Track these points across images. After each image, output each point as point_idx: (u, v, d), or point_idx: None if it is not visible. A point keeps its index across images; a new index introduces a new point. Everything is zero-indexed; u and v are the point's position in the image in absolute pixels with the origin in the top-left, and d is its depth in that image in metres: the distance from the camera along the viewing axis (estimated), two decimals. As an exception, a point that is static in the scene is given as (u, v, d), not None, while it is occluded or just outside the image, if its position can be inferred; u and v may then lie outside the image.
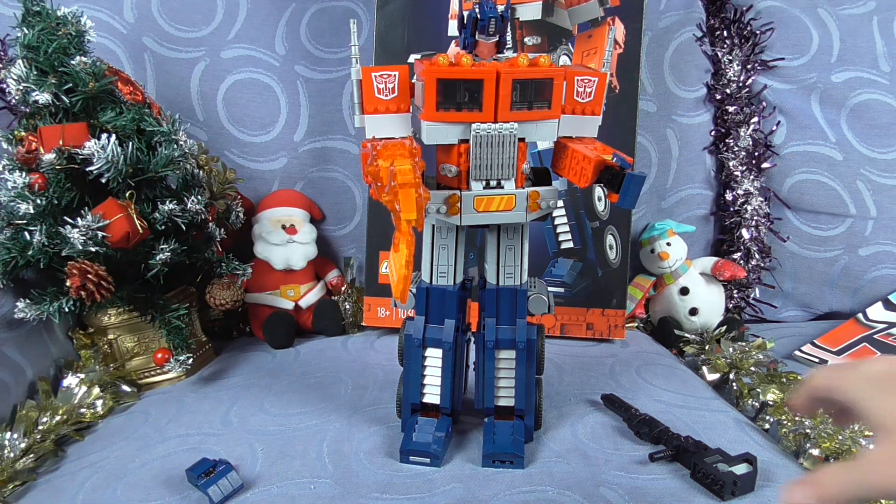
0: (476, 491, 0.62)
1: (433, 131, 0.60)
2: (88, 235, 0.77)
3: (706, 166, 1.15)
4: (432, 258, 0.68)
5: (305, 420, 0.76)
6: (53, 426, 0.77)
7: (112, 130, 0.81)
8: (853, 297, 1.12)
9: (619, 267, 1.01)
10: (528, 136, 0.62)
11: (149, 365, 0.90)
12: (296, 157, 1.10)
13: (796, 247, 1.12)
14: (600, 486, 0.63)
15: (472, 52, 0.62)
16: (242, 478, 0.64)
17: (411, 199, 0.48)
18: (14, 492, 0.67)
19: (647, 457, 0.66)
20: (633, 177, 0.58)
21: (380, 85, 0.61)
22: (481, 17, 0.60)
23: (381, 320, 1.05)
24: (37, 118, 0.81)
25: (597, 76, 0.63)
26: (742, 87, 1.11)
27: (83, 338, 0.90)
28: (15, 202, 0.78)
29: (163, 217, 0.84)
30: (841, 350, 0.97)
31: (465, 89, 0.59)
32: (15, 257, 0.80)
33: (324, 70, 1.10)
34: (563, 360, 0.91)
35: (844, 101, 1.08)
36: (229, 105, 1.07)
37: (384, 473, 0.65)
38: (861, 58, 1.08)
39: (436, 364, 0.70)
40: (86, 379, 0.84)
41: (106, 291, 0.80)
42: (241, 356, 0.99)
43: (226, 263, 0.97)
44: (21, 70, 0.78)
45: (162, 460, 0.70)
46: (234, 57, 1.07)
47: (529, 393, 0.70)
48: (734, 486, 0.61)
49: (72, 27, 0.81)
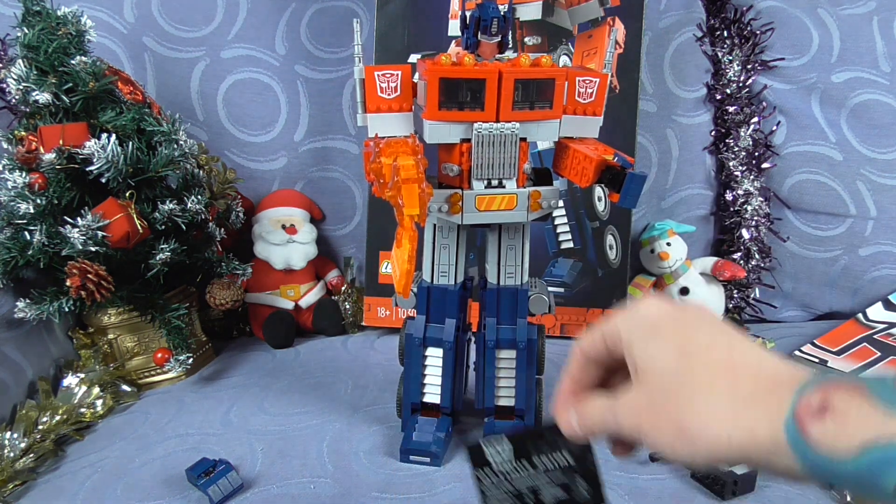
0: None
1: (435, 130, 0.60)
2: (88, 235, 0.77)
3: (706, 166, 1.15)
4: (433, 257, 0.68)
5: (305, 420, 0.76)
6: (53, 426, 0.76)
7: (112, 130, 0.81)
8: (853, 298, 1.12)
9: (619, 267, 1.01)
10: (529, 135, 0.62)
11: (149, 365, 0.90)
12: (296, 157, 1.10)
13: (796, 247, 1.12)
14: (601, 485, 0.63)
15: (475, 52, 0.62)
16: (242, 478, 0.64)
17: (414, 195, 0.49)
18: (14, 492, 0.67)
19: (647, 457, 0.66)
20: (635, 176, 0.58)
21: (382, 84, 0.61)
22: (483, 17, 0.60)
23: (381, 320, 1.05)
24: (37, 118, 0.81)
25: (598, 77, 0.63)
26: (742, 87, 1.11)
27: (83, 338, 0.90)
28: (15, 202, 0.78)
29: (163, 217, 0.84)
30: (841, 350, 0.97)
31: (467, 89, 0.59)
32: (15, 257, 0.80)
33: (324, 70, 1.10)
34: (563, 360, 0.91)
35: (844, 101, 1.08)
36: (229, 105, 1.07)
37: (384, 473, 0.65)
38: (861, 58, 1.08)
39: (436, 363, 0.70)
40: (86, 379, 0.84)
41: (106, 291, 0.80)
42: (241, 356, 0.99)
43: (226, 263, 0.97)
44: (21, 70, 0.78)
45: (162, 460, 0.70)
46: (234, 57, 1.07)
47: (530, 393, 0.70)
48: (734, 485, 0.61)
49: (72, 27, 0.81)
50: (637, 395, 0.35)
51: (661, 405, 0.33)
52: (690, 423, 0.32)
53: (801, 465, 0.28)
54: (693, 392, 0.32)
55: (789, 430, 0.29)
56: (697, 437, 0.32)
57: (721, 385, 0.32)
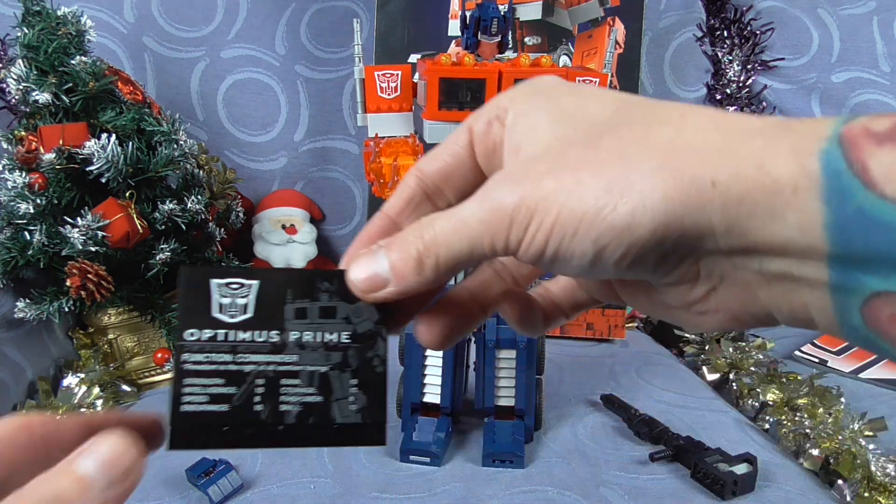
0: (476, 490, 0.62)
1: (435, 130, 0.60)
2: (88, 235, 0.77)
3: (706, 166, 1.15)
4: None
5: (306, 420, 0.76)
6: (53, 426, 0.76)
7: (112, 130, 0.81)
8: (853, 298, 1.12)
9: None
10: (529, 135, 0.62)
11: (149, 365, 0.90)
12: (296, 157, 1.10)
13: (796, 247, 1.12)
14: (600, 486, 0.63)
15: (475, 52, 0.62)
16: (242, 478, 0.64)
17: None
18: (14, 492, 0.67)
19: (647, 457, 0.66)
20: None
21: (382, 84, 0.61)
22: (483, 17, 0.60)
23: (381, 320, 1.05)
24: (37, 118, 0.81)
25: (598, 77, 0.63)
26: (742, 87, 1.11)
27: (83, 337, 0.90)
28: (15, 202, 0.78)
29: (163, 217, 0.84)
30: (841, 350, 0.97)
31: (467, 89, 0.59)
32: (15, 257, 0.80)
33: (324, 70, 1.10)
34: (563, 360, 0.91)
35: (844, 102, 1.08)
36: (229, 105, 1.07)
37: (384, 473, 0.65)
38: (861, 58, 1.08)
39: (436, 363, 0.70)
40: (86, 379, 0.84)
41: (106, 291, 0.80)
42: (241, 356, 0.99)
43: (226, 263, 0.97)
44: (21, 70, 0.78)
45: (162, 460, 0.70)
46: (234, 57, 1.07)
47: (529, 393, 0.70)
48: (734, 485, 0.61)
49: (72, 27, 0.81)
50: (536, 160, 0.21)
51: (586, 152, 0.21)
52: (642, 161, 0.19)
53: (827, 218, 0.18)
54: (648, 127, 0.20)
55: (829, 159, 0.18)
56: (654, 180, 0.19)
57: (698, 119, 0.20)
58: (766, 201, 0.18)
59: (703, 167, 0.19)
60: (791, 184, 0.18)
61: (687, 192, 0.19)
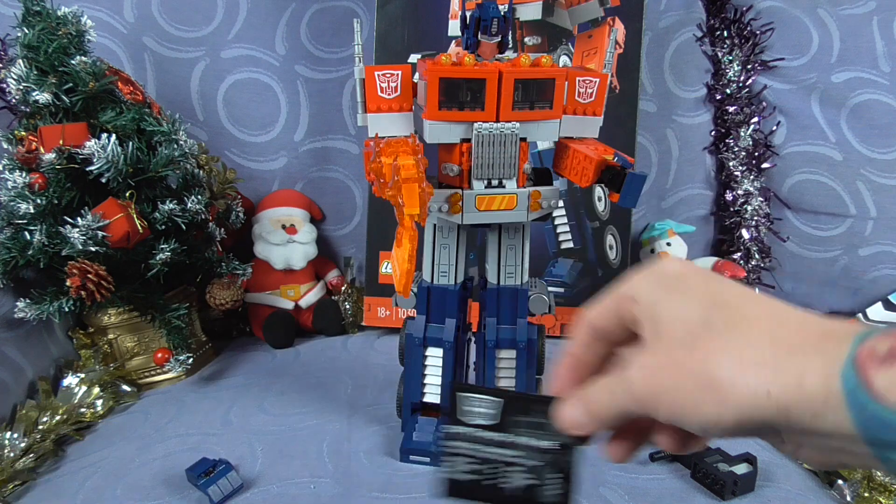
0: (477, 491, 0.62)
1: (435, 130, 0.60)
2: (88, 235, 0.77)
3: (706, 166, 1.15)
4: (433, 257, 0.68)
5: (305, 420, 0.76)
6: (53, 426, 0.76)
7: (112, 130, 0.81)
8: (853, 298, 1.12)
9: (619, 267, 1.01)
10: (529, 135, 0.62)
11: (149, 365, 0.90)
12: (296, 157, 1.10)
13: (796, 247, 1.12)
14: (600, 486, 0.63)
15: (475, 52, 0.62)
16: (242, 478, 0.64)
17: (414, 194, 0.49)
18: (14, 492, 0.67)
19: (647, 457, 0.66)
20: (635, 176, 0.58)
21: (383, 84, 0.61)
22: (483, 17, 0.60)
23: (381, 320, 1.05)
24: (37, 118, 0.81)
25: (598, 77, 0.63)
26: (742, 87, 1.11)
27: (83, 337, 0.90)
28: (15, 202, 0.78)
29: (163, 217, 0.84)
30: (841, 350, 0.97)
31: (467, 89, 0.59)
32: (15, 257, 0.80)
33: (324, 70, 1.10)
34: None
35: (844, 102, 1.08)
36: (229, 105, 1.07)
37: (384, 473, 0.65)
38: (861, 58, 1.08)
39: (436, 363, 0.70)
40: (86, 379, 0.84)
41: (106, 291, 0.80)
42: (241, 356, 0.99)
43: (226, 263, 0.97)
44: (21, 70, 0.78)
45: (162, 460, 0.70)
46: (234, 57, 1.07)
47: (530, 393, 0.70)
48: (734, 485, 0.61)
49: (72, 27, 0.81)
50: (654, 352, 0.30)
51: (686, 357, 0.29)
52: (721, 373, 0.28)
53: (854, 421, 0.25)
54: (726, 340, 0.28)
55: (846, 378, 0.25)
56: (729, 389, 0.27)
57: (760, 332, 0.28)
58: (808, 409, 0.26)
59: (762, 380, 0.27)
60: (822, 399, 0.26)
61: (753, 399, 0.27)
